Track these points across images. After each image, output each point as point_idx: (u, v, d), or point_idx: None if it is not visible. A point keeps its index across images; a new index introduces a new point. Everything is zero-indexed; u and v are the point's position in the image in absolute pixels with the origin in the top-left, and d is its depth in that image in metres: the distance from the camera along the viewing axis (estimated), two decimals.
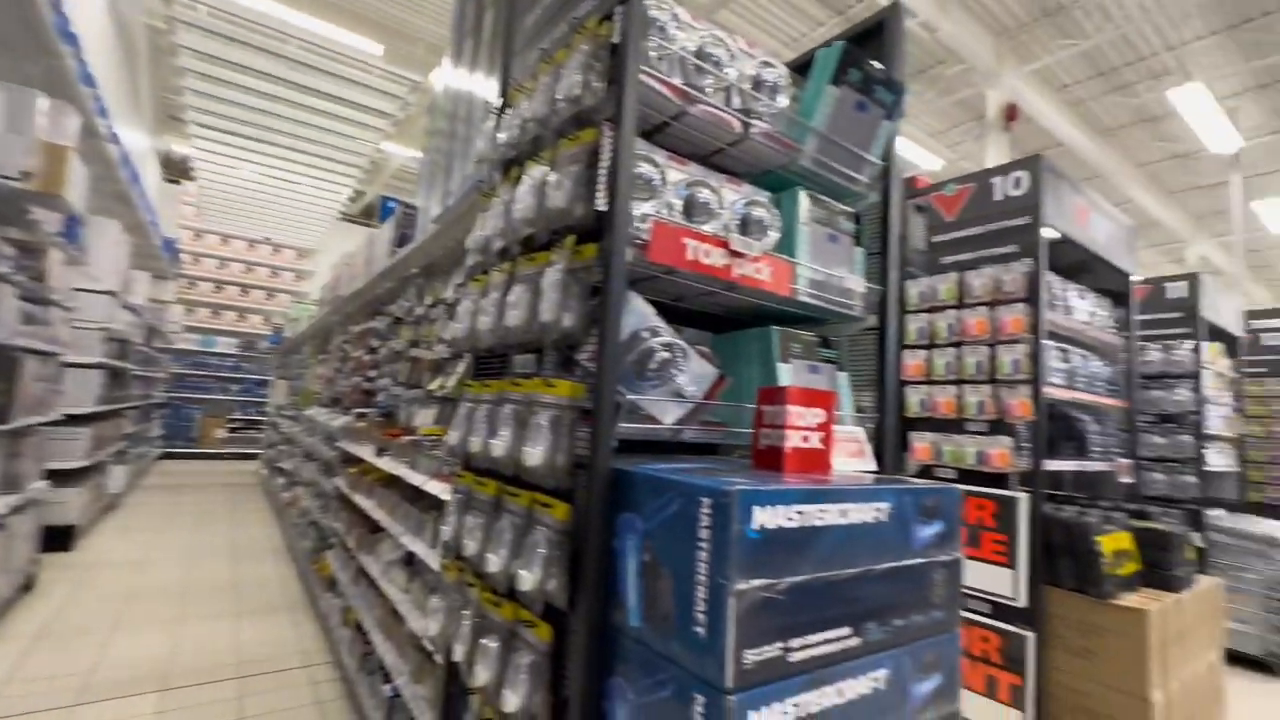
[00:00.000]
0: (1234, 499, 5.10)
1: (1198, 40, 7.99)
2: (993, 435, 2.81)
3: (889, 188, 1.83)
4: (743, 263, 1.41)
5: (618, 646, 1.07)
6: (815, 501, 0.97)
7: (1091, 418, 3.39)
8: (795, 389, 1.26)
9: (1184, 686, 2.57)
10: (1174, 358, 4.42)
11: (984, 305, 2.91)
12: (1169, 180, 12.04)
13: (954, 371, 2.98)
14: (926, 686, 1.14)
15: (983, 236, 2.99)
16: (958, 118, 10.33)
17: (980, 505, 2.79)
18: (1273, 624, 4.01)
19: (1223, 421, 4.80)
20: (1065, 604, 2.58)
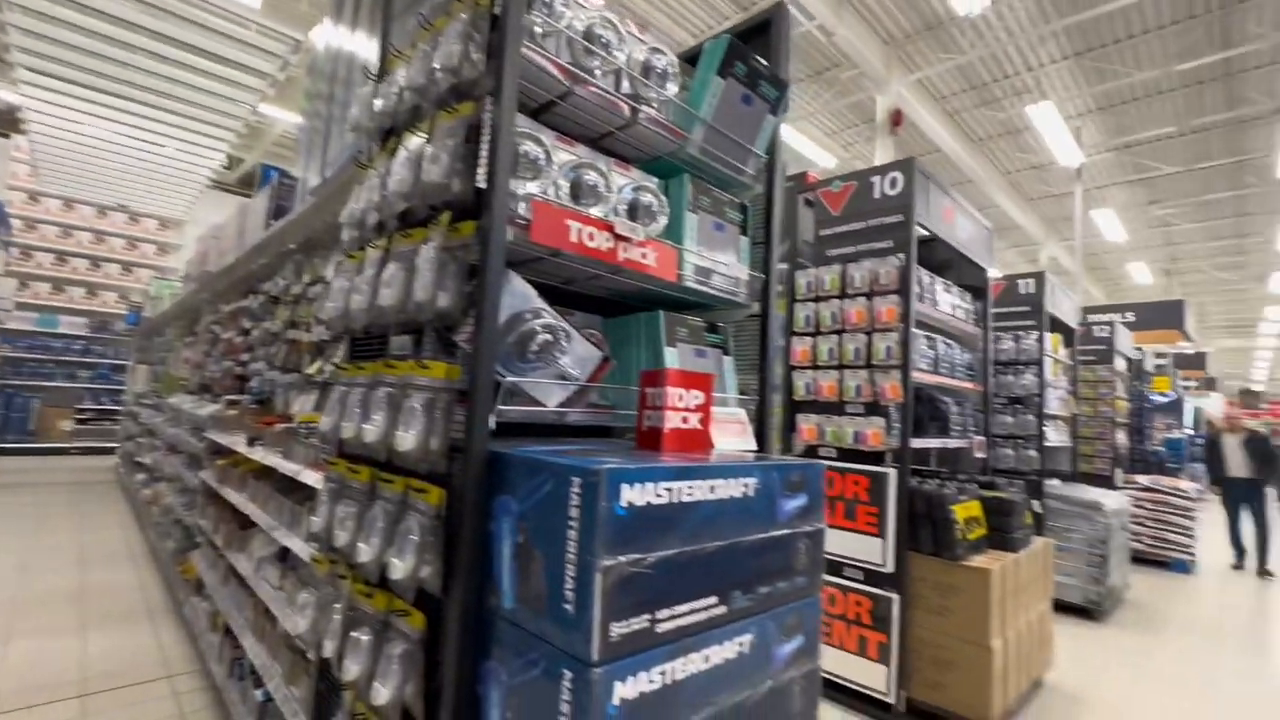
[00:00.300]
0: (1067, 470, 5.85)
1: (1052, 63, 8.96)
2: (868, 416, 3.04)
3: (772, 180, 1.91)
4: (629, 247, 1.43)
5: (492, 630, 1.06)
6: (684, 479, 1.01)
7: (953, 400, 3.75)
8: (674, 371, 1.30)
9: (1019, 634, 2.93)
10: (1022, 347, 4.98)
11: (863, 296, 3.13)
12: (1027, 188, 13.46)
13: (836, 357, 3.19)
14: (789, 647, 1.22)
15: (863, 231, 3.21)
16: (851, 119, 10.96)
17: (856, 481, 3.02)
18: (1093, 576, 4.66)
19: (1060, 403, 5.48)
20: (925, 567, 2.86)
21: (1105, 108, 10.08)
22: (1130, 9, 7.63)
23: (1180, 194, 13.19)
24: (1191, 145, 11.06)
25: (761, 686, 1.15)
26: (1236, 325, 24.34)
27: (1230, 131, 10.52)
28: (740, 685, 1.10)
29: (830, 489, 3.11)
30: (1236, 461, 6.74)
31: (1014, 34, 8.24)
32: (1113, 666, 3.77)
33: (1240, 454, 6.72)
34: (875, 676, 2.85)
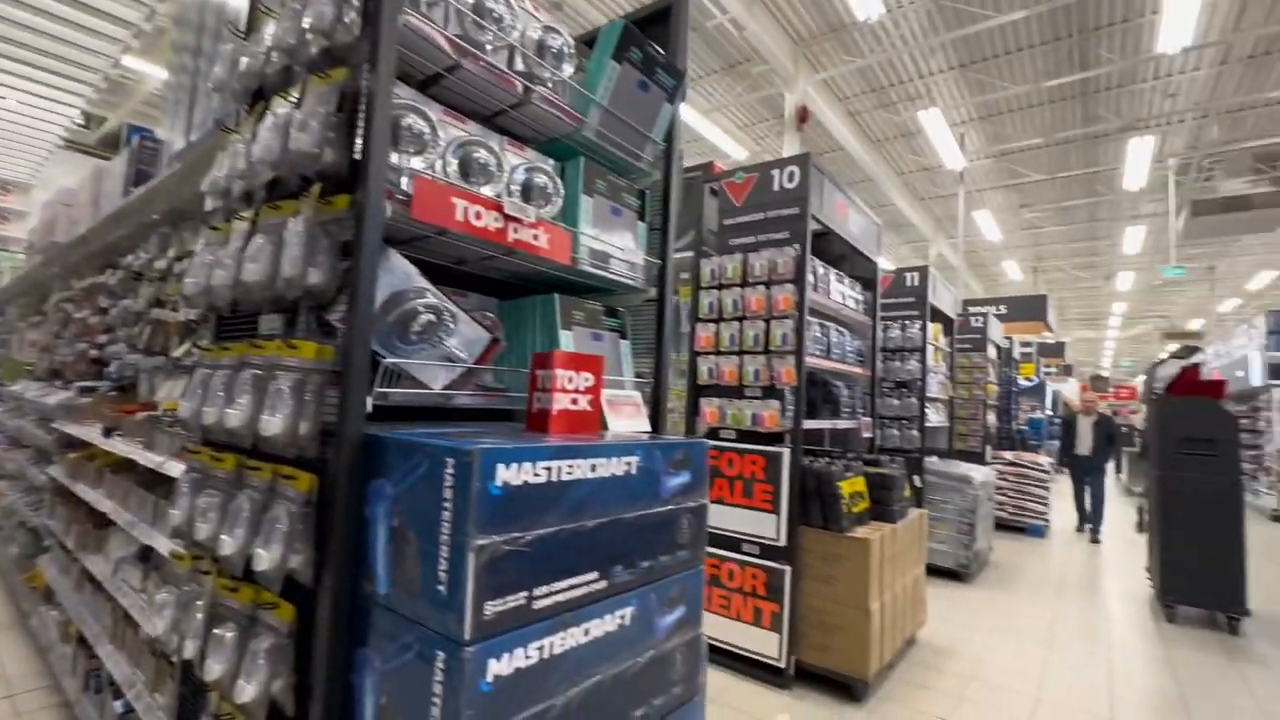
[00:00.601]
0: (944, 448, 6.42)
1: (940, 73, 9.65)
2: (766, 399, 3.19)
3: (670, 167, 1.94)
4: (520, 228, 1.41)
5: (367, 617, 1.04)
6: (564, 458, 1.03)
7: (844, 384, 4.00)
8: (562, 354, 1.31)
9: (894, 597, 3.21)
10: (908, 335, 5.39)
11: (763, 284, 3.26)
12: (919, 188, 14.48)
13: (737, 343, 3.31)
14: (671, 618, 1.27)
15: (763, 222, 3.34)
16: (762, 114, 11.30)
17: (754, 461, 3.17)
18: (963, 542, 5.17)
19: (939, 387, 5.99)
20: (814, 540, 3.06)
21: (985, 117, 11.00)
22: (1006, 27, 8.35)
23: (1045, 200, 14.68)
24: (1055, 156, 12.32)
25: (643, 656, 1.19)
26: (1089, 318, 27.53)
27: (1086, 145, 11.81)
28: (622, 656, 1.14)
29: (730, 469, 3.25)
30: (1086, 441, 7.65)
31: (908, 42, 8.80)
32: (976, 621, 4.21)
33: (1090, 434, 7.63)
34: (769, 644, 3.03)
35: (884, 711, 2.85)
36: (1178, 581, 4.43)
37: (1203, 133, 11.19)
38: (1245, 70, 9.16)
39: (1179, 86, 9.64)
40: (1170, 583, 4.46)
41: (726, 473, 3.26)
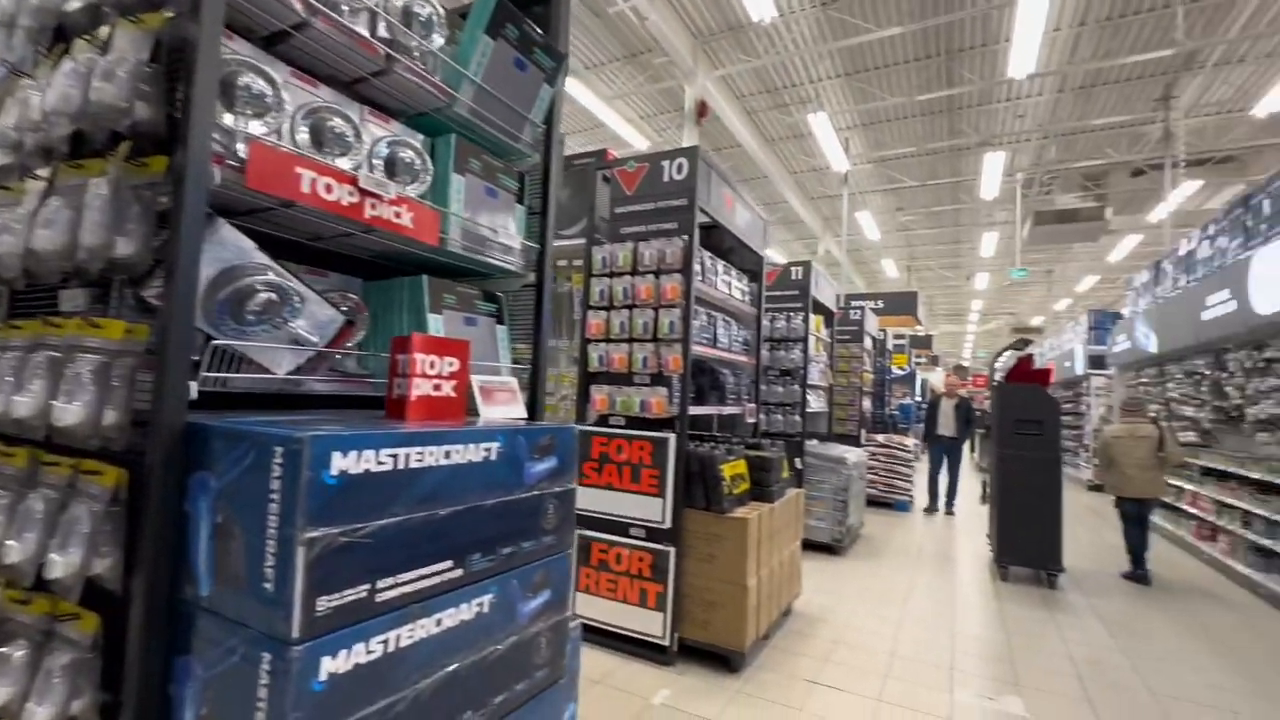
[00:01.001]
0: (824, 431, 6.90)
1: (828, 79, 10.23)
2: (654, 386, 3.26)
3: (550, 151, 1.92)
4: (379, 204, 1.34)
5: (187, 622, 0.95)
6: (414, 445, 0.99)
7: (730, 371, 4.17)
8: (423, 337, 1.26)
9: (772, 572, 3.41)
10: (792, 326, 5.72)
11: (652, 273, 3.32)
12: (809, 188, 15.32)
13: (627, 331, 3.35)
14: (536, 603, 1.27)
15: (654, 212, 3.39)
16: (664, 105, 11.43)
17: (642, 447, 3.23)
18: (837, 519, 5.59)
19: (820, 375, 6.41)
20: (697, 521, 3.18)
21: (867, 124, 11.81)
22: (885, 42, 8.99)
23: (918, 204, 16.04)
24: (926, 164, 13.49)
25: (504, 642, 1.18)
26: (953, 313, 30.55)
27: (951, 156, 13.02)
28: (481, 643, 1.13)
29: (619, 455, 3.29)
30: (949, 422, 8.45)
31: (799, 47, 9.24)
32: (846, 590, 4.58)
33: (952, 416, 8.44)
34: (654, 623, 3.12)
35: (759, 679, 3.03)
36: (1010, 545, 5.06)
37: (1044, 152, 12.69)
38: (1077, 99, 10.48)
39: (1026, 109, 10.86)
40: (1004, 546, 5.09)
41: (615, 459, 3.30)
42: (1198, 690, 3.19)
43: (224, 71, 1.12)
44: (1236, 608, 4.71)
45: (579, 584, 3.35)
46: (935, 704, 2.88)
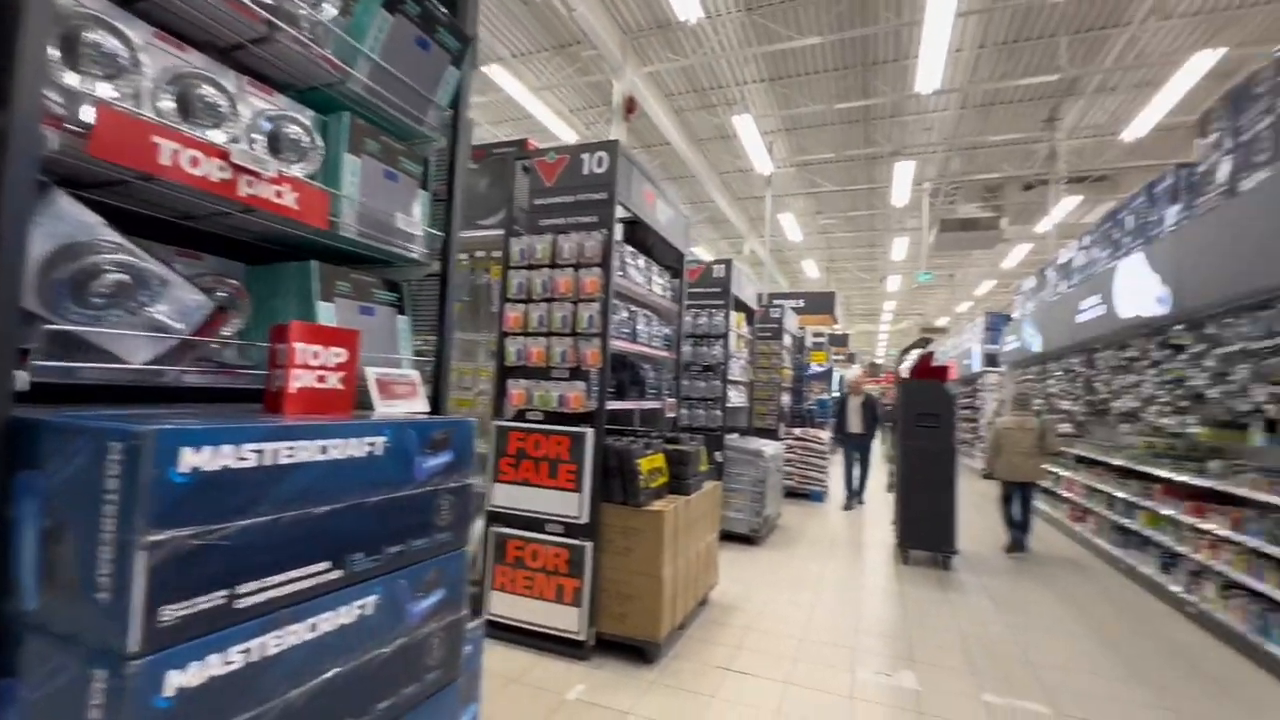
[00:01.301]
0: (745, 426, 7.10)
1: (753, 83, 10.50)
2: (572, 381, 3.23)
3: (457, 136, 1.85)
4: (256, 182, 1.24)
5: (10, 641, 0.85)
6: (284, 439, 0.93)
7: (651, 366, 4.21)
8: (302, 325, 1.18)
9: (688, 563, 3.48)
10: (714, 322, 5.84)
11: (571, 267, 3.29)
12: (736, 188, 15.70)
13: (545, 324, 3.31)
14: (427, 603, 1.23)
15: (573, 205, 3.36)
16: (593, 99, 11.37)
17: (559, 442, 3.20)
18: (755, 510, 5.77)
19: (741, 370, 6.59)
20: (615, 515, 3.19)
21: (790, 129, 12.23)
22: (806, 50, 9.33)
23: (836, 208, 16.81)
24: (844, 170, 14.14)
25: (391, 645, 1.13)
26: (868, 313, 32.24)
27: (867, 164, 13.72)
28: (363, 647, 1.07)
29: (536, 451, 3.25)
30: (855, 420, 8.85)
31: (726, 49, 9.43)
32: (761, 578, 4.73)
33: (859, 413, 8.83)
34: (570, 619, 3.10)
35: (673, 669, 3.09)
36: (911, 531, 5.41)
37: (948, 163, 13.60)
38: (977, 116, 11.29)
39: (933, 123, 11.59)
40: (906, 532, 5.43)
41: (533, 454, 3.26)
42: (1066, 656, 3.53)
43: (66, 25, 1.00)
44: (1100, 580, 5.25)
45: (494, 582, 3.28)
46: (838, 683, 3.03)
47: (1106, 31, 8.58)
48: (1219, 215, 4.01)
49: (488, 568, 3.32)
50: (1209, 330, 4.31)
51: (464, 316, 4.04)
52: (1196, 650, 3.74)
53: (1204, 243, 4.15)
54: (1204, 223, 4.22)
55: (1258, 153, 3.68)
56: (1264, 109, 3.63)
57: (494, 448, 3.35)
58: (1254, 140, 3.72)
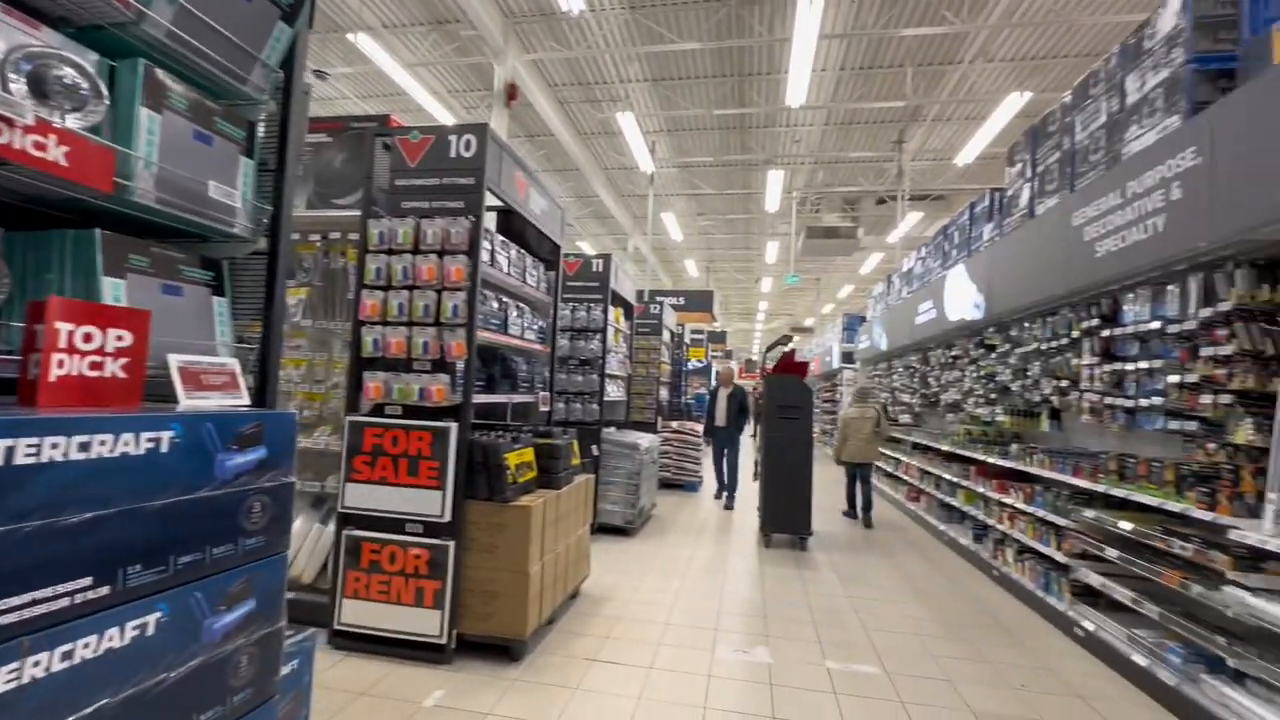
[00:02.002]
0: (623, 419, 7.20)
1: (637, 82, 10.64)
2: (435, 373, 3.08)
3: (290, 100, 1.68)
4: (7, 131, 1.04)
5: None
6: (22, 435, 0.78)
7: (524, 359, 4.12)
8: (65, 303, 1.01)
9: (557, 557, 3.46)
10: (592, 316, 5.85)
11: (435, 253, 3.13)
12: (620, 185, 15.84)
13: (406, 313, 3.12)
14: (233, 616, 1.10)
15: (438, 188, 3.20)
16: (473, 82, 10.92)
17: (420, 437, 3.04)
18: (630, 501, 5.87)
19: (619, 365, 6.67)
20: (480, 512, 3.09)
21: (672, 130, 12.56)
22: (686, 55, 9.62)
23: (716, 211, 17.54)
24: (722, 175, 14.78)
25: (181, 667, 1.00)
26: (745, 312, 34.04)
27: (744, 170, 14.44)
28: (143, 672, 0.94)
29: (395, 447, 3.06)
30: (723, 412, 9.09)
31: (610, 45, 9.47)
32: (634, 568, 4.83)
33: (725, 406, 9.05)
34: (430, 623, 2.96)
35: (539, 664, 3.05)
36: (773, 516, 5.78)
37: (814, 175, 14.68)
38: (839, 133, 12.29)
39: (801, 135, 12.44)
40: (768, 516, 5.80)
41: (391, 451, 3.06)
42: (896, 620, 3.95)
43: None
44: (929, 551, 5.95)
45: (346, 589, 3.05)
46: (699, 663, 3.16)
47: (944, 67, 9.69)
48: (1020, 234, 4.68)
49: (340, 574, 3.08)
50: (1013, 333, 5.02)
51: (317, 304, 3.71)
52: (999, 607, 4.35)
53: (1009, 257, 4.82)
54: (1009, 240, 4.91)
55: (1049, 182, 4.33)
56: (1054, 145, 4.29)
57: (347, 445, 3.11)
58: (1046, 171, 4.38)
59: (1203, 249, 2.74)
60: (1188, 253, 2.83)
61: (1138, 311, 3.38)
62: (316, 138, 3.64)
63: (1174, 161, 2.90)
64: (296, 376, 3.67)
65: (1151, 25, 3.29)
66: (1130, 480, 3.29)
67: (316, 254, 3.71)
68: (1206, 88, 2.93)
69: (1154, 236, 3.03)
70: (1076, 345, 3.98)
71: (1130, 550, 3.24)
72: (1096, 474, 3.58)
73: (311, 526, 3.48)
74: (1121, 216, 3.29)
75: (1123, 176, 3.30)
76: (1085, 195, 3.67)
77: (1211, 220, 2.65)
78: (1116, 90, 3.55)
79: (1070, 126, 4.06)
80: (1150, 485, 3.10)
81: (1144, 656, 3.05)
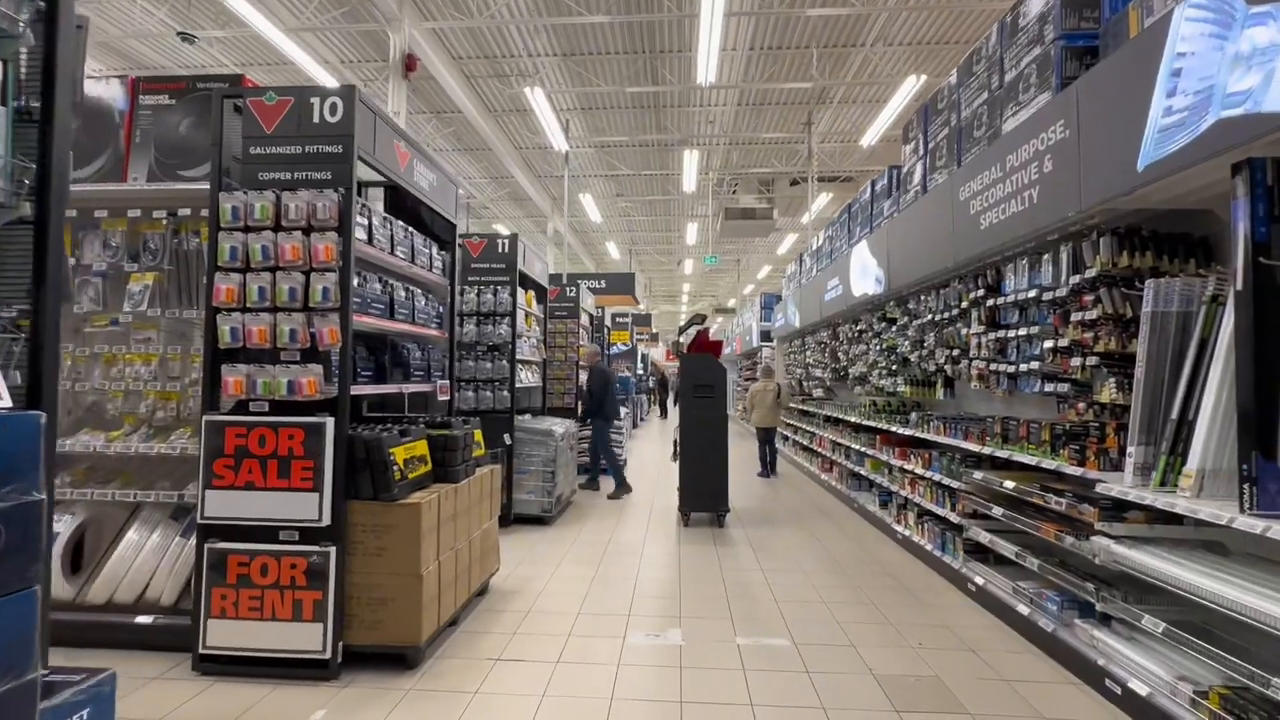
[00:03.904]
0: (539, 406, 6.99)
1: (547, 56, 10.26)
2: (305, 364, 2.78)
3: (56, 34, 1.38)
4: None
5: None
6: None
7: (416, 345, 3.85)
8: None
9: (457, 554, 3.26)
10: (499, 299, 5.59)
11: (300, 230, 2.81)
12: (536, 165, 15.37)
13: (269, 298, 2.79)
14: None
15: (301, 157, 2.86)
16: (367, 52, 10.17)
17: (291, 435, 2.74)
18: (546, 490, 5.71)
19: (531, 349, 6.44)
20: (364, 513, 2.84)
21: (586, 108, 12.25)
22: (596, 28, 9.34)
23: (635, 192, 17.40)
24: (639, 155, 14.63)
25: None
26: (669, 295, 34.30)
27: (660, 151, 14.36)
28: None
29: (262, 448, 2.74)
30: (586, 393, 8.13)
31: (515, 15, 9.04)
32: (549, 557, 4.68)
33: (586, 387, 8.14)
34: (311, 638, 2.70)
35: (438, 670, 2.86)
36: (690, 495, 5.79)
37: (730, 156, 14.82)
38: (751, 113, 12.41)
39: (715, 116, 12.47)
40: (686, 496, 5.80)
41: (258, 452, 2.75)
42: (805, 590, 4.03)
43: None
44: (841, 521, 6.17)
45: (212, 609, 2.73)
46: (609, 652, 3.07)
47: (847, 50, 9.93)
48: (914, 210, 4.84)
49: (203, 592, 2.75)
50: (911, 305, 5.21)
51: (168, 290, 3.28)
52: (901, 569, 4.55)
53: (905, 232, 4.98)
54: (905, 216, 5.07)
55: (939, 158, 4.48)
56: (943, 122, 4.43)
57: (206, 447, 2.77)
58: (936, 148, 4.52)
59: (1071, 219, 2.87)
60: (1059, 222, 2.97)
61: (1018, 281, 3.55)
62: (156, 99, 3.18)
63: (1046, 135, 3.02)
64: (147, 374, 3.23)
65: (1025, 3, 3.41)
66: (1012, 442, 3.48)
67: (165, 233, 3.27)
68: (1074, 64, 3.06)
69: (1030, 208, 3.16)
70: (966, 315, 4.16)
71: (1013, 508, 3.42)
72: (984, 437, 3.76)
73: (171, 541, 3.10)
74: (1002, 190, 3.42)
75: (1002, 151, 3.43)
76: (970, 170, 3.80)
77: (1079, 190, 2.77)
78: (996, 68, 3.68)
79: (957, 104, 4.20)
80: (1030, 445, 3.28)
81: (1026, 606, 3.25)
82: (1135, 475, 2.54)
